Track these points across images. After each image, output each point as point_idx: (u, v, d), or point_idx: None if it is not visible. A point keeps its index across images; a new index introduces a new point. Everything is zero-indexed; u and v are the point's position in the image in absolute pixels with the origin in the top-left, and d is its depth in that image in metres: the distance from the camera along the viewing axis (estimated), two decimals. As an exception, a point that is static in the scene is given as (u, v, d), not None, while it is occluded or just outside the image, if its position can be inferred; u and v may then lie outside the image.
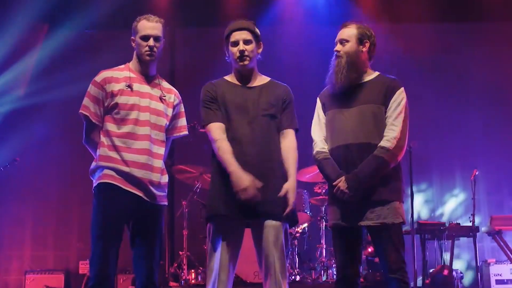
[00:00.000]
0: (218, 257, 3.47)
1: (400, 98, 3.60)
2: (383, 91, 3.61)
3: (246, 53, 3.57)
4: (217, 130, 3.55)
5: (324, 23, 8.20)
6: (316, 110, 3.81)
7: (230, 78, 3.73)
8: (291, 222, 3.58)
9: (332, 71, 3.69)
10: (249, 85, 3.66)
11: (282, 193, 3.44)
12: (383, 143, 3.52)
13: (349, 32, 3.69)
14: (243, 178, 3.37)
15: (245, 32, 3.60)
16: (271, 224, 3.47)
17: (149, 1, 8.18)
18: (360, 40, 3.68)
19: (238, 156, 3.48)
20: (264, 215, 3.46)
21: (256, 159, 3.49)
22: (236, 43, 3.59)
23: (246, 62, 3.59)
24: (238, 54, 3.57)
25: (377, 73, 3.75)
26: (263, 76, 3.74)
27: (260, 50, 3.68)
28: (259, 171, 3.46)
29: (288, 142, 3.60)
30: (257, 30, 3.66)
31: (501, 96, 8.18)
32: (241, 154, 3.48)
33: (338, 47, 3.70)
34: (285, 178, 3.53)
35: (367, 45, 3.69)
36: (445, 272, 6.28)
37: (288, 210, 3.45)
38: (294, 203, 3.50)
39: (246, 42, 3.59)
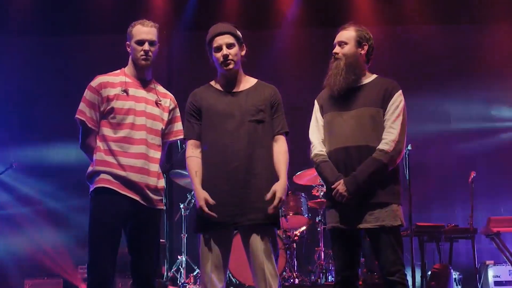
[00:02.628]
0: (210, 264, 3.50)
1: (398, 100, 3.60)
2: (381, 94, 3.61)
3: (230, 57, 3.57)
4: (190, 148, 3.65)
5: (321, 26, 8.21)
6: (314, 113, 3.81)
7: (216, 83, 3.73)
8: (276, 225, 3.60)
9: (331, 74, 3.69)
10: (235, 89, 3.66)
11: (269, 194, 3.46)
12: (382, 145, 3.52)
13: (348, 34, 3.69)
14: (199, 198, 3.48)
15: (227, 36, 3.59)
16: (256, 230, 3.50)
17: (146, 5, 8.18)
18: (359, 43, 3.68)
19: (224, 163, 3.51)
20: (250, 221, 3.48)
21: (241, 166, 3.50)
22: (219, 48, 3.58)
23: (230, 66, 3.59)
24: (222, 59, 3.57)
25: (375, 75, 3.74)
26: (250, 78, 3.74)
27: (243, 53, 3.67)
28: (243, 177, 3.49)
29: (279, 146, 3.62)
30: (239, 33, 3.65)
31: (499, 98, 8.19)
32: (226, 161, 3.51)
33: (337, 49, 3.70)
34: (270, 183, 3.54)
35: (366, 47, 3.69)
36: (443, 268, 6.29)
37: (272, 206, 3.45)
38: (281, 202, 3.49)
39: (229, 46, 3.58)
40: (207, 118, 3.62)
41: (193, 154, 3.63)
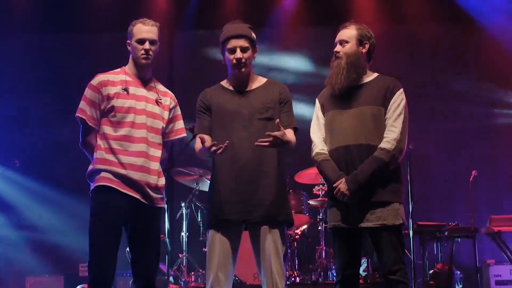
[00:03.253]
0: (217, 260, 3.50)
1: (399, 99, 3.60)
2: (383, 92, 3.60)
3: (243, 60, 3.57)
4: (199, 140, 3.59)
5: (324, 24, 8.20)
6: (315, 111, 3.81)
7: (226, 83, 3.74)
8: (288, 223, 3.62)
9: (332, 72, 3.69)
10: (245, 89, 3.67)
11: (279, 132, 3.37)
12: (383, 144, 3.52)
13: (349, 33, 3.69)
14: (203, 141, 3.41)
15: (243, 39, 3.58)
16: (267, 228, 3.51)
17: (148, 4, 8.18)
18: (360, 41, 3.68)
19: (233, 161, 3.52)
20: (260, 219, 3.50)
21: (250, 163, 3.51)
22: (233, 51, 3.58)
23: (243, 70, 3.60)
24: (235, 62, 3.58)
25: (376, 74, 3.74)
26: (260, 78, 3.75)
27: (256, 54, 3.68)
28: (251, 175, 3.51)
29: (288, 132, 3.58)
30: (254, 35, 3.64)
31: (500, 96, 8.18)
32: (235, 159, 3.52)
33: (338, 48, 3.70)
34: (279, 181, 3.56)
35: (367, 46, 3.69)
36: (446, 268, 6.28)
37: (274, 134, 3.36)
38: (280, 140, 3.38)
39: (244, 49, 3.58)
40: (217, 116, 3.64)
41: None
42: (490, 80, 8.16)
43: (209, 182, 3.87)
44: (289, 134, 3.57)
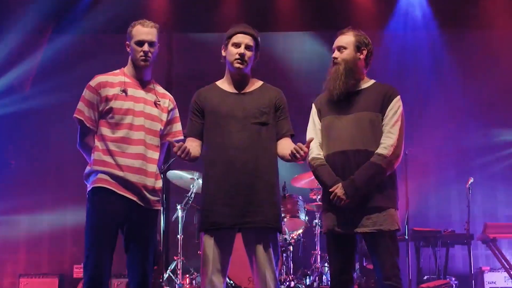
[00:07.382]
0: (211, 265, 3.50)
1: (396, 106, 3.61)
2: (380, 99, 3.62)
3: (245, 57, 3.59)
4: (188, 142, 3.62)
5: (320, 29, 8.22)
6: (311, 116, 3.81)
7: (222, 83, 3.73)
8: (279, 230, 3.60)
9: (330, 78, 3.70)
10: (241, 91, 3.67)
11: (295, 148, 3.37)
12: (380, 150, 3.53)
13: (347, 39, 3.70)
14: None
15: (249, 37, 3.62)
16: (259, 234, 3.51)
17: (147, 6, 8.18)
18: (358, 48, 3.69)
19: (226, 164, 3.52)
20: (253, 224, 3.50)
21: (244, 168, 3.50)
22: (238, 45, 3.60)
23: (242, 66, 3.60)
24: (237, 56, 3.58)
25: (373, 81, 3.76)
26: (256, 81, 3.75)
27: (256, 60, 3.70)
28: (247, 179, 3.50)
29: (288, 143, 3.61)
30: (259, 40, 3.68)
31: (497, 104, 8.19)
32: (229, 162, 3.51)
33: (336, 54, 3.71)
34: (273, 187, 3.56)
35: (365, 52, 3.70)
36: None
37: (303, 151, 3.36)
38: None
39: (248, 47, 3.61)
40: (211, 118, 3.63)
41: (188, 146, 3.58)
42: (490, 85, 8.15)
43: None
44: (288, 144, 3.59)
